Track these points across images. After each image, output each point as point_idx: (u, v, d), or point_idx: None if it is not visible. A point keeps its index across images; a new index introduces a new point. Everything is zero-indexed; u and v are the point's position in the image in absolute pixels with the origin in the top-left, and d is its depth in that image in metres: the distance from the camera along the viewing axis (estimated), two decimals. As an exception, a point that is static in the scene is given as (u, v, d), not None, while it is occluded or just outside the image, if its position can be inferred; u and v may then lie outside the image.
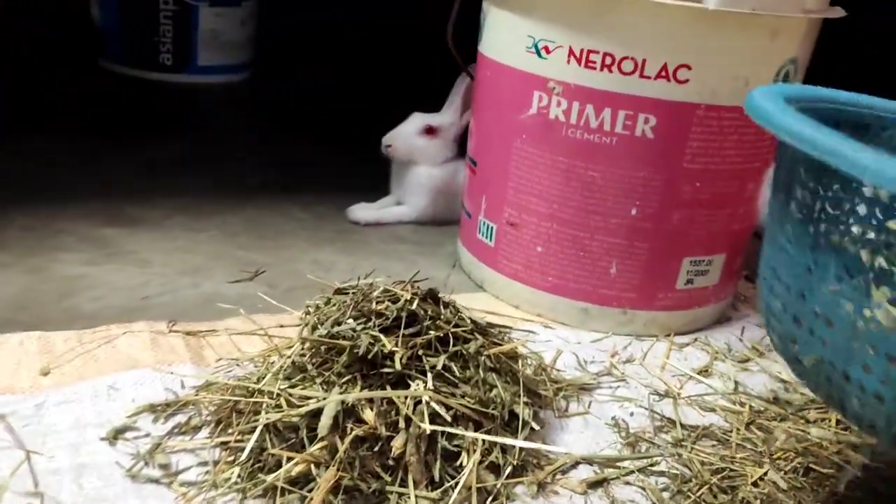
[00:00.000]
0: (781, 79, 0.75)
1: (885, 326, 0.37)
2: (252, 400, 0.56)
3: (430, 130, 1.00)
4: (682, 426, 0.65)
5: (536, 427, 0.59)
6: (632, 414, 0.67)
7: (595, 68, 0.73)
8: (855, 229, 0.41)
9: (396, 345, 0.56)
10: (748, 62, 0.72)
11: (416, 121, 1.01)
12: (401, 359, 0.55)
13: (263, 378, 0.58)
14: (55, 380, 0.61)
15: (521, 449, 0.57)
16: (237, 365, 0.65)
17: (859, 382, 0.39)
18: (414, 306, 0.58)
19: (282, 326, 0.71)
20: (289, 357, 0.58)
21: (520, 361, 0.63)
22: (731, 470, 0.60)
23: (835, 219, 0.42)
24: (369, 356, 0.55)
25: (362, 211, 1.03)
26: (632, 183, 0.75)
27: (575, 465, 0.59)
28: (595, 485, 0.58)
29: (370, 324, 0.57)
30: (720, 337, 0.83)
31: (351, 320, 0.58)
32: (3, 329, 0.66)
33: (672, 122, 0.73)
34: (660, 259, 0.78)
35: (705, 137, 0.73)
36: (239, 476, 0.52)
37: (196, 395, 0.60)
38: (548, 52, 0.75)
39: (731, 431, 0.65)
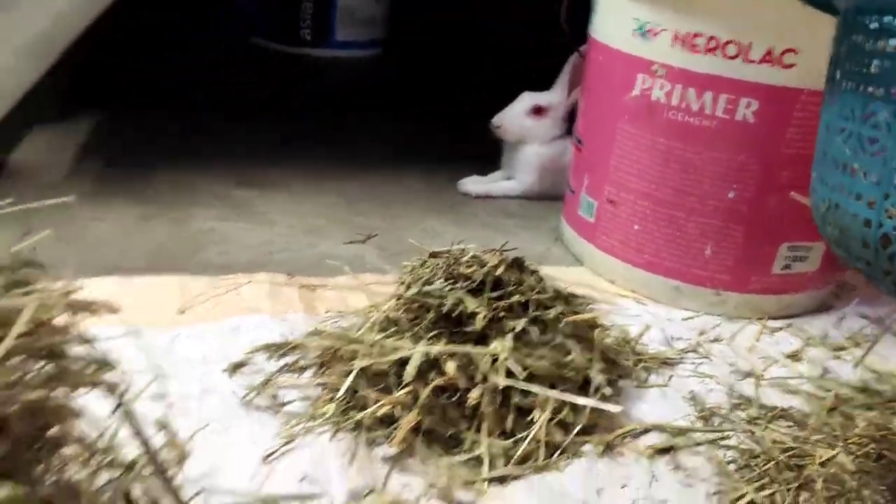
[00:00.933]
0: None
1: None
2: (351, 347, 0.63)
3: (538, 110, 1.03)
4: (760, 406, 0.67)
5: (609, 392, 0.62)
6: (711, 390, 0.69)
7: (699, 51, 0.75)
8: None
9: (480, 306, 0.61)
10: (857, 48, 0.71)
11: (526, 100, 1.04)
12: (483, 318, 0.60)
13: (361, 329, 0.64)
14: (189, 319, 0.70)
15: (592, 410, 0.60)
16: (342, 316, 0.72)
17: (855, 211, 0.46)
18: (499, 272, 0.63)
19: (382, 284, 0.78)
20: (384, 312, 0.64)
21: (597, 330, 0.66)
22: (802, 450, 0.61)
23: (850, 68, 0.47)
24: (454, 314, 0.60)
25: (473, 184, 1.09)
26: (730, 166, 0.76)
27: (645, 431, 0.63)
28: (662, 451, 0.61)
29: (458, 286, 0.62)
30: (816, 324, 0.83)
31: (441, 281, 0.63)
32: (148, 272, 0.76)
33: (774, 106, 0.73)
34: (755, 243, 0.79)
35: (806, 123, 0.73)
36: (334, 412, 0.59)
37: (304, 340, 0.68)
38: (653, 34, 0.77)
39: (810, 415, 0.66)
